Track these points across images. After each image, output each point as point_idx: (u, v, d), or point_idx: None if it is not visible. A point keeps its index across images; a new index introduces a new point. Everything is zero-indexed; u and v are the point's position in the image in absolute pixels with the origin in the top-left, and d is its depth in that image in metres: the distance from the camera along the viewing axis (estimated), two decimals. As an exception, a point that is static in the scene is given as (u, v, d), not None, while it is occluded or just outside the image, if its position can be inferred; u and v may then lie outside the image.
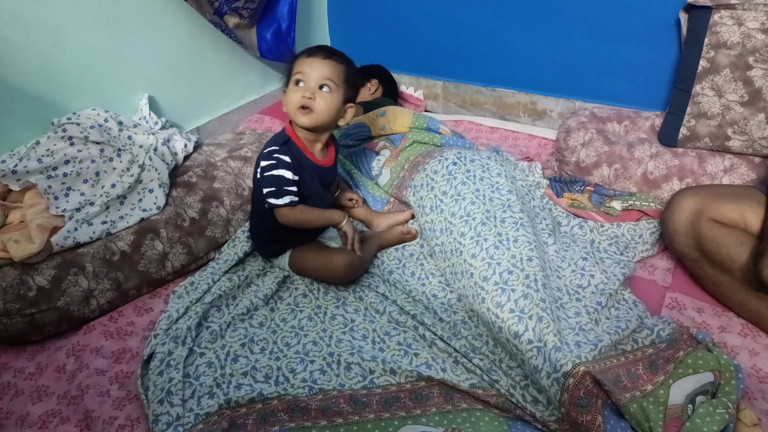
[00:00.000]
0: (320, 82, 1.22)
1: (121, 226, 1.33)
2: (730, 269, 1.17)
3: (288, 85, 1.26)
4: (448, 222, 1.32)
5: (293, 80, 1.24)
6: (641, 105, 1.80)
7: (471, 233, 1.26)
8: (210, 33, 1.81)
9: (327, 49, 1.26)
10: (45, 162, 1.28)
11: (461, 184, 1.37)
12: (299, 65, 1.24)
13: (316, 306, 1.28)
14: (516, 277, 1.13)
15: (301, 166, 1.25)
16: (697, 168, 1.52)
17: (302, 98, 1.21)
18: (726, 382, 0.95)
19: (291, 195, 1.23)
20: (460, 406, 1.02)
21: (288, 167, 1.22)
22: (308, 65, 1.23)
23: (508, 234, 1.23)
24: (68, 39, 1.43)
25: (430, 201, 1.41)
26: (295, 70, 1.24)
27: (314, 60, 1.23)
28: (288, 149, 1.24)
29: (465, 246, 1.25)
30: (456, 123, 2.11)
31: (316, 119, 1.23)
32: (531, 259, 1.17)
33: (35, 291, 1.16)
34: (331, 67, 1.23)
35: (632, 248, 1.40)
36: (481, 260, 1.20)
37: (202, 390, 1.07)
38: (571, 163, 1.67)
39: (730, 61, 1.43)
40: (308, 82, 1.22)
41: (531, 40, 1.93)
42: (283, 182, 1.22)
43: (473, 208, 1.30)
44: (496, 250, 1.20)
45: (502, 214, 1.29)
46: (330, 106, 1.24)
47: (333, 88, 1.23)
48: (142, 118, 1.60)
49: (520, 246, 1.20)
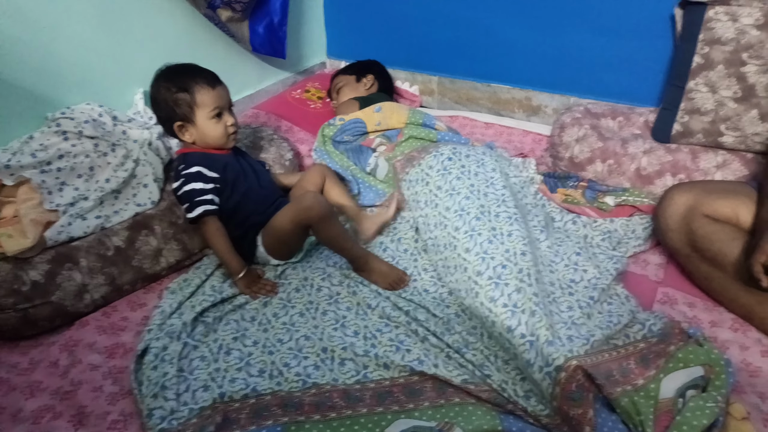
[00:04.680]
0: (229, 105, 1.37)
1: (116, 221, 1.33)
2: (722, 264, 1.18)
3: (193, 122, 1.31)
4: (442, 216, 1.33)
5: (210, 117, 1.31)
6: (635, 101, 1.81)
7: (465, 227, 1.26)
8: (205, 28, 1.81)
9: (213, 73, 1.35)
10: (39, 157, 1.28)
11: (456, 179, 1.37)
12: (211, 99, 1.31)
13: (308, 302, 1.28)
14: (509, 271, 1.14)
15: (212, 161, 1.32)
16: (690, 164, 1.52)
17: (232, 127, 1.35)
18: (716, 376, 0.96)
19: (204, 204, 1.27)
20: (452, 400, 1.03)
21: (197, 178, 1.28)
22: (219, 96, 1.33)
23: (502, 228, 1.24)
24: (63, 33, 1.42)
25: (425, 196, 1.41)
26: (210, 107, 1.31)
27: (221, 89, 1.34)
28: (192, 159, 1.31)
29: (459, 240, 1.25)
30: (451, 119, 2.12)
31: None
32: (524, 254, 1.18)
33: (29, 286, 1.16)
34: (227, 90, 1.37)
35: (625, 243, 1.41)
36: (474, 254, 1.20)
37: (197, 384, 1.07)
38: (565, 159, 1.67)
39: (725, 57, 1.44)
40: (225, 109, 1.34)
41: (527, 36, 1.93)
42: (195, 195, 1.28)
43: (468, 203, 1.31)
44: (490, 245, 1.20)
45: (497, 208, 1.29)
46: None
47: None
48: (137, 113, 1.59)
49: (514, 240, 1.21)
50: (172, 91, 1.29)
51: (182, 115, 1.31)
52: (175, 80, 1.30)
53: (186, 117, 1.31)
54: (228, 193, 1.33)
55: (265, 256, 1.36)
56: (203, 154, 1.34)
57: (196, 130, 1.32)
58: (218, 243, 1.29)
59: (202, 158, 1.32)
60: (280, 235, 1.32)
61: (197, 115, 1.31)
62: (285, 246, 1.36)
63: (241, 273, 1.30)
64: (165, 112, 1.32)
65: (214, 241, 1.29)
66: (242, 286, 1.30)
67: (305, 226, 1.30)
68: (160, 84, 1.31)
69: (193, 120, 1.31)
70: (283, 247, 1.36)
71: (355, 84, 2.03)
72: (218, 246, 1.30)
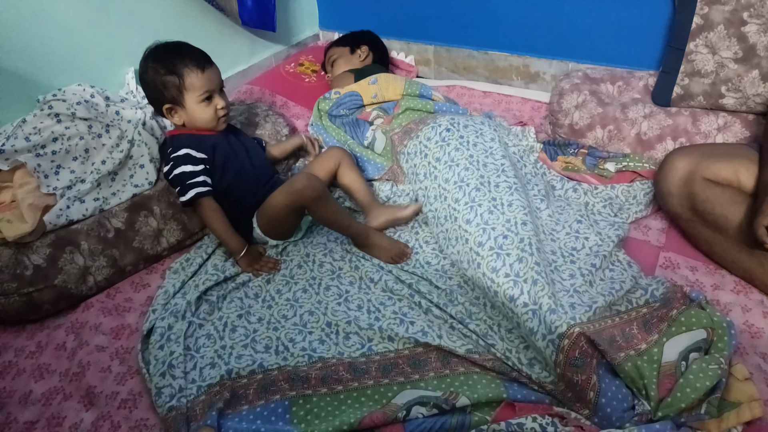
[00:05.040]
0: (220, 87, 1.33)
1: (114, 203, 1.32)
2: (723, 228, 1.18)
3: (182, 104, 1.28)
4: (441, 188, 1.32)
5: (200, 101, 1.28)
6: (634, 65, 1.78)
7: (465, 199, 1.26)
8: (194, 2, 1.77)
9: (203, 54, 1.31)
10: (33, 140, 1.26)
11: (455, 150, 1.36)
12: (201, 82, 1.27)
13: (311, 277, 1.28)
14: (510, 241, 1.14)
15: (200, 142, 1.29)
16: (690, 127, 1.51)
17: (222, 110, 1.32)
18: (719, 338, 0.97)
19: (196, 187, 1.26)
20: (457, 370, 1.04)
21: (185, 160, 1.26)
22: (209, 79, 1.28)
23: (502, 198, 1.23)
24: (51, 14, 1.39)
25: (424, 168, 1.40)
26: (200, 91, 1.27)
27: (211, 71, 1.29)
28: (179, 141, 1.29)
29: (459, 212, 1.25)
30: (448, 88, 2.09)
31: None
32: (525, 223, 1.18)
33: (31, 270, 1.16)
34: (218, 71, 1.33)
35: (626, 209, 1.41)
36: (475, 226, 1.20)
37: (204, 362, 1.08)
38: (565, 126, 1.66)
39: (724, 17, 1.41)
40: (215, 92, 1.31)
41: (523, 1, 1.89)
42: (186, 177, 1.26)
43: (467, 174, 1.30)
44: (490, 215, 1.20)
45: (497, 179, 1.28)
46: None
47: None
48: (129, 93, 1.57)
49: (515, 210, 1.20)
50: (161, 73, 1.26)
51: (171, 97, 1.28)
52: (164, 61, 1.26)
53: (175, 100, 1.28)
54: (219, 175, 1.32)
55: (263, 237, 1.35)
56: (190, 135, 1.32)
57: (185, 113, 1.30)
58: (216, 223, 1.28)
59: (190, 139, 1.30)
60: (275, 218, 1.30)
61: (186, 98, 1.28)
62: (281, 227, 1.35)
63: (241, 252, 1.30)
64: (153, 94, 1.29)
65: (212, 221, 1.28)
66: (244, 264, 1.30)
67: (299, 208, 1.29)
68: (148, 64, 1.27)
69: (182, 103, 1.28)
70: (279, 228, 1.35)
71: (350, 56, 2.00)
72: (216, 226, 1.29)
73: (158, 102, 1.30)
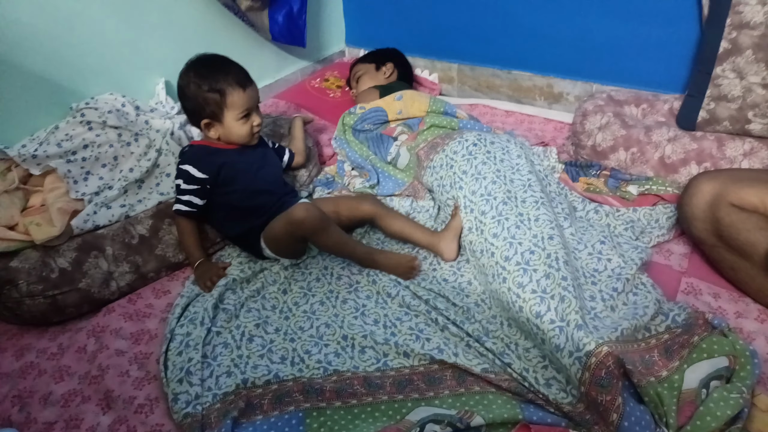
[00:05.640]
0: (257, 104, 1.38)
1: (140, 209, 1.35)
2: (748, 254, 1.16)
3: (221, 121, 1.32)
4: (468, 200, 1.33)
5: (238, 119, 1.32)
6: (660, 87, 1.77)
7: (492, 212, 1.26)
8: (223, 17, 1.82)
9: (245, 71, 1.34)
10: (64, 146, 1.30)
11: (482, 164, 1.37)
12: (242, 100, 1.30)
13: (329, 290, 1.29)
14: (538, 256, 1.13)
15: (206, 161, 1.31)
16: (716, 152, 1.49)
17: (258, 126, 1.37)
18: (741, 367, 0.95)
19: (180, 204, 1.30)
20: (473, 389, 1.03)
21: (183, 176, 1.30)
22: (250, 98, 1.32)
23: (529, 213, 1.23)
24: (85, 24, 1.44)
25: (450, 179, 1.41)
26: (240, 109, 1.31)
27: (251, 90, 1.33)
28: (188, 156, 1.33)
29: (486, 225, 1.25)
30: (471, 107, 2.10)
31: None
32: (552, 238, 1.17)
33: (57, 273, 1.19)
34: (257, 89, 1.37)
35: (648, 233, 1.39)
36: (502, 240, 1.20)
37: (220, 370, 1.09)
38: (587, 147, 1.65)
39: (753, 41, 1.40)
40: (253, 109, 1.35)
41: (548, 21, 1.90)
42: (178, 191, 1.31)
43: (494, 188, 1.30)
44: (517, 230, 1.20)
45: (523, 194, 1.28)
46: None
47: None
48: (159, 103, 1.61)
49: (542, 225, 1.20)
50: (203, 89, 1.28)
51: (210, 113, 1.30)
52: (207, 77, 1.28)
53: (214, 116, 1.31)
54: (223, 191, 1.33)
55: (274, 256, 1.36)
56: (202, 150, 1.34)
57: (222, 128, 1.33)
58: (182, 239, 1.34)
59: (199, 156, 1.32)
60: (279, 243, 1.31)
61: (226, 115, 1.30)
62: (288, 251, 1.34)
63: (194, 264, 1.32)
64: (192, 107, 1.31)
65: (181, 237, 1.34)
66: (195, 276, 1.32)
67: (299, 237, 1.28)
68: (190, 78, 1.29)
69: (221, 120, 1.31)
70: (287, 251, 1.35)
71: (375, 72, 2.02)
72: (181, 240, 1.35)
73: (196, 115, 1.32)
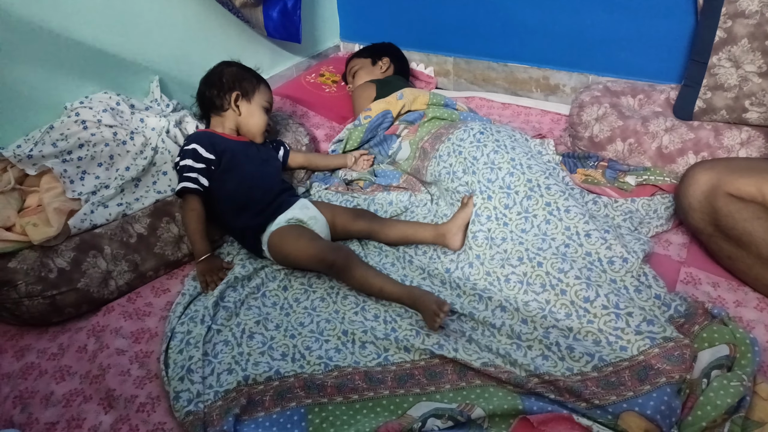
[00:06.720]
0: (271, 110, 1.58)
1: (137, 208, 1.34)
2: (746, 244, 1.16)
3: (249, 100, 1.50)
4: (483, 186, 1.31)
5: (262, 106, 1.51)
6: (656, 78, 1.77)
7: (517, 208, 1.25)
8: (218, 13, 1.80)
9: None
10: (60, 146, 1.29)
11: (493, 152, 1.36)
12: (268, 95, 1.54)
13: (329, 287, 1.28)
14: (574, 250, 1.15)
15: (213, 142, 1.39)
16: (713, 141, 1.49)
17: (268, 125, 1.53)
18: (742, 355, 0.95)
19: (187, 181, 1.31)
20: (473, 382, 1.03)
21: (190, 155, 1.34)
22: (271, 99, 1.56)
23: (557, 203, 1.23)
24: (78, 23, 1.43)
25: (462, 165, 1.40)
26: (266, 99, 1.53)
27: (271, 96, 1.57)
28: (194, 137, 1.40)
29: (512, 220, 1.26)
30: (467, 100, 2.09)
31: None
32: (589, 235, 1.18)
33: (56, 273, 1.18)
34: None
35: (647, 223, 1.39)
36: (533, 236, 1.20)
37: (221, 367, 1.09)
38: (585, 139, 1.65)
39: (748, 31, 1.40)
40: (270, 111, 1.55)
41: (543, 13, 1.89)
42: (184, 170, 1.33)
43: (513, 180, 1.29)
44: (548, 225, 1.19)
45: (546, 180, 1.27)
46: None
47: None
48: (154, 101, 1.60)
49: (573, 218, 1.19)
50: (243, 75, 1.50)
51: (245, 90, 1.48)
52: (247, 70, 1.53)
53: (247, 93, 1.49)
54: (223, 179, 1.35)
55: (273, 260, 1.35)
56: (208, 134, 1.41)
57: (247, 108, 1.48)
58: (191, 222, 1.32)
59: (205, 137, 1.39)
60: (293, 263, 1.30)
61: (255, 97, 1.49)
62: (296, 267, 1.33)
63: (201, 257, 1.30)
64: (229, 83, 1.47)
65: (187, 219, 1.32)
66: (199, 270, 1.30)
67: (320, 270, 1.28)
68: (233, 66, 1.52)
69: (250, 99, 1.48)
70: (295, 267, 1.33)
71: (371, 67, 2.01)
72: (188, 225, 1.33)
73: (229, 89, 1.47)
